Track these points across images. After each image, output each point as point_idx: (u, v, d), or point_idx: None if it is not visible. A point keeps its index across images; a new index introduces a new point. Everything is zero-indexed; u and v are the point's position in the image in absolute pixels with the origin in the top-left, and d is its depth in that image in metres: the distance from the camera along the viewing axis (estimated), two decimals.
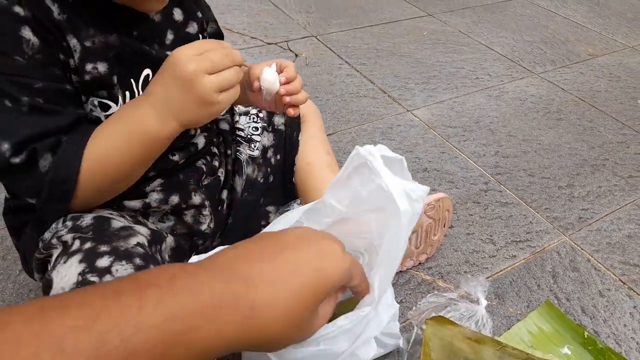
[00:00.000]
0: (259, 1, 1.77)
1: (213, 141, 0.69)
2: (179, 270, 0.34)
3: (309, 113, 0.81)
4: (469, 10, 1.86)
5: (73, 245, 0.50)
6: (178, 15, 0.59)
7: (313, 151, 0.78)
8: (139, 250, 0.51)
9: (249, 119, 0.78)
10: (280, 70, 0.58)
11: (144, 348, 0.29)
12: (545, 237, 0.91)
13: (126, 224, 0.54)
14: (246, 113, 0.78)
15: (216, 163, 0.69)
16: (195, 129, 0.63)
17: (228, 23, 1.57)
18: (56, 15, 0.47)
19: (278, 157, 0.77)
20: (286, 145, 0.77)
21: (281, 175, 0.77)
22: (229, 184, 0.72)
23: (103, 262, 0.48)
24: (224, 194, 0.71)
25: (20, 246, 0.62)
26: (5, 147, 0.45)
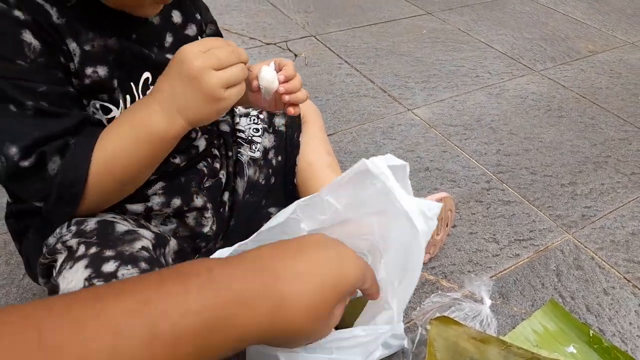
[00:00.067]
0: (257, 1, 1.76)
1: (214, 143, 0.69)
2: (214, 263, 0.36)
3: (309, 113, 0.80)
4: (468, 8, 1.85)
5: (78, 250, 0.49)
6: (177, 17, 0.58)
7: (314, 152, 0.78)
8: (144, 254, 0.50)
9: (250, 121, 0.78)
10: (279, 69, 0.58)
11: (190, 332, 0.31)
12: (548, 236, 0.90)
13: (130, 228, 0.53)
14: (247, 115, 0.78)
15: (217, 165, 0.68)
16: (196, 132, 0.63)
17: (226, 24, 1.57)
18: (55, 19, 0.47)
19: (279, 159, 0.76)
20: (287, 146, 0.77)
21: (282, 176, 0.77)
22: (231, 186, 0.72)
23: (109, 267, 0.48)
24: (226, 196, 0.70)
25: (23, 251, 0.62)
26: (13, 151, 0.45)
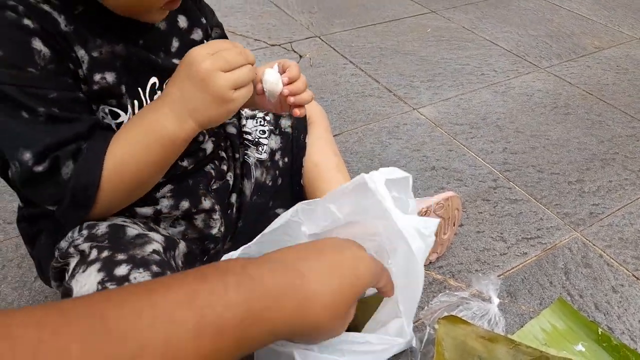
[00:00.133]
0: (262, 3, 1.77)
1: (221, 145, 0.70)
2: (246, 261, 0.39)
3: (315, 114, 0.81)
4: (472, 5, 1.85)
5: (91, 254, 0.50)
6: (183, 22, 0.59)
7: (320, 152, 0.78)
8: (155, 257, 0.51)
9: (256, 123, 0.78)
10: (283, 70, 0.58)
11: (231, 324, 0.34)
12: (556, 234, 0.90)
13: (141, 232, 0.54)
14: (253, 117, 0.79)
15: (225, 167, 0.69)
16: (203, 135, 0.64)
17: (231, 26, 1.58)
18: (63, 26, 0.47)
19: (286, 160, 0.77)
20: (293, 147, 0.77)
21: (289, 177, 0.78)
22: (238, 188, 0.72)
23: (121, 271, 0.48)
24: (233, 198, 0.71)
25: (34, 254, 0.63)
26: (27, 157, 0.46)
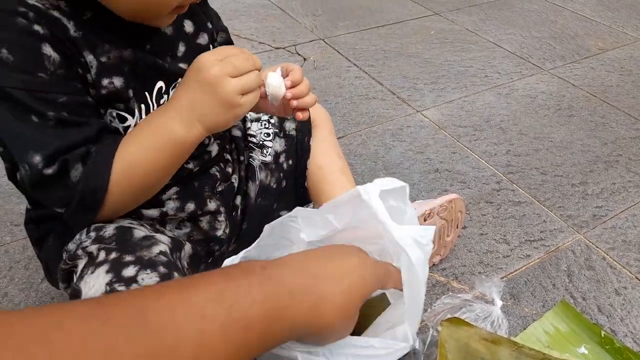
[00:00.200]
0: (266, 6, 1.78)
1: (226, 148, 0.70)
2: (265, 263, 0.42)
3: (319, 117, 0.81)
4: (476, 7, 1.85)
5: (99, 256, 0.51)
6: (189, 27, 0.60)
7: (324, 155, 0.78)
8: (162, 258, 0.52)
9: (261, 125, 0.79)
10: (286, 74, 0.59)
11: (256, 320, 0.36)
12: (559, 236, 0.90)
13: (148, 234, 0.55)
14: (258, 119, 0.79)
15: (230, 169, 0.70)
16: (209, 138, 0.64)
17: (236, 29, 1.59)
18: (72, 32, 0.48)
19: (290, 162, 0.77)
20: (298, 150, 0.78)
21: (293, 180, 0.78)
22: (243, 190, 0.73)
23: (129, 272, 0.49)
24: (238, 200, 0.72)
25: (42, 256, 0.64)
26: (37, 160, 0.47)
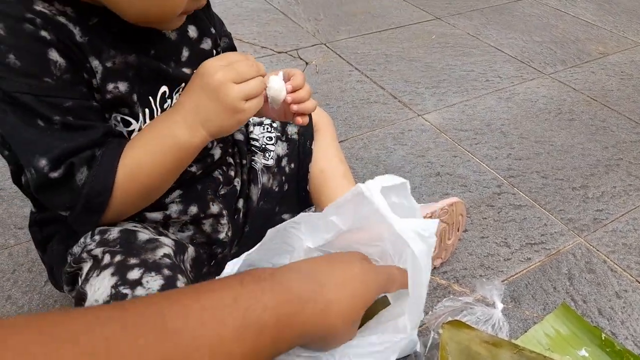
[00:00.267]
0: (268, 11, 1.79)
1: (229, 152, 0.71)
2: (274, 270, 0.43)
3: (321, 121, 0.82)
4: (477, 12, 1.86)
5: (104, 259, 0.51)
6: (192, 32, 0.60)
7: (326, 159, 0.79)
8: (167, 261, 0.53)
9: (263, 129, 0.79)
10: (288, 78, 0.59)
11: (269, 325, 0.37)
12: (560, 239, 0.91)
13: (151, 237, 0.55)
14: (260, 123, 0.80)
15: (232, 173, 0.70)
16: (212, 141, 0.65)
17: (238, 33, 1.60)
18: (78, 38, 0.49)
19: (292, 166, 0.78)
20: (300, 154, 0.78)
21: (295, 183, 0.79)
22: (245, 193, 0.74)
23: (134, 275, 0.50)
24: (240, 203, 0.72)
25: (46, 259, 0.65)
26: (43, 163, 0.48)
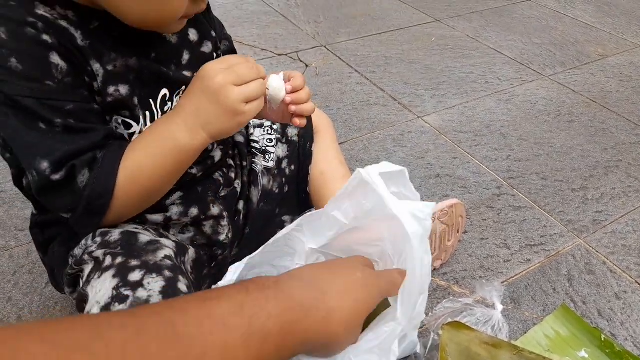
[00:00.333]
0: (268, 13, 1.80)
1: (229, 154, 0.71)
2: (277, 278, 0.44)
3: (322, 123, 0.82)
4: (477, 14, 1.86)
5: (105, 261, 0.52)
6: (193, 35, 0.61)
7: (326, 161, 0.79)
8: (168, 262, 0.53)
9: (264, 131, 0.80)
10: (288, 79, 0.59)
11: (273, 332, 0.38)
12: (559, 241, 0.91)
13: (152, 238, 0.56)
14: (260, 125, 0.80)
15: (232, 175, 0.71)
16: (212, 143, 0.65)
17: (239, 36, 1.60)
18: (79, 41, 0.49)
19: (292, 168, 0.78)
20: (300, 155, 0.79)
21: (296, 185, 0.79)
22: (246, 195, 0.74)
23: (135, 276, 0.50)
24: (241, 205, 0.72)
25: (47, 261, 0.65)
26: (45, 166, 0.48)
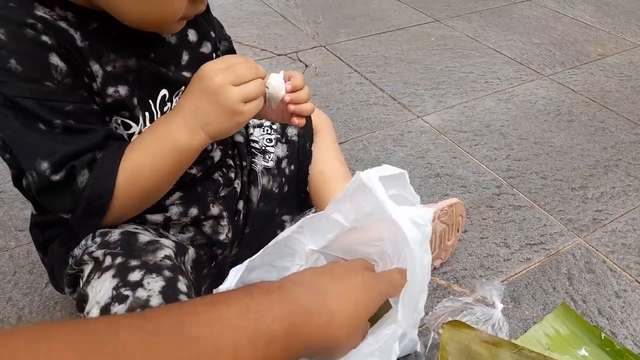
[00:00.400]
0: (268, 13, 1.80)
1: (229, 154, 0.71)
2: (280, 282, 0.45)
3: (321, 123, 0.82)
4: (476, 14, 1.87)
5: (105, 261, 0.52)
6: (192, 36, 0.61)
7: (325, 161, 0.79)
8: (167, 262, 0.53)
9: (263, 131, 0.80)
10: (288, 79, 0.59)
11: (278, 335, 0.39)
12: (559, 240, 0.91)
13: (152, 238, 0.56)
14: (260, 125, 0.80)
15: (232, 175, 0.71)
16: (212, 143, 0.65)
17: (238, 36, 1.61)
18: (79, 42, 0.49)
19: (292, 168, 0.78)
20: (299, 155, 0.79)
21: (295, 185, 0.79)
22: (245, 195, 0.74)
23: (135, 276, 0.50)
24: (241, 205, 0.72)
25: (47, 261, 0.65)
26: (45, 166, 0.48)
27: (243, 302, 0.39)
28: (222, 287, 0.52)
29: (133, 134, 0.56)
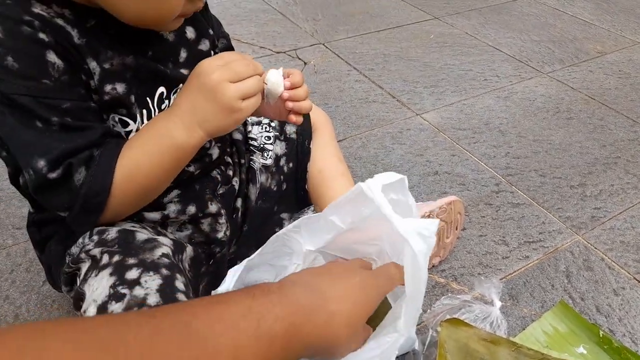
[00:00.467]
0: (267, 11, 1.79)
1: (227, 151, 0.71)
2: (280, 283, 0.45)
3: (320, 121, 0.82)
4: (475, 11, 1.86)
5: (102, 259, 0.52)
6: (190, 33, 0.61)
7: (324, 158, 0.79)
8: (165, 260, 0.53)
9: (262, 129, 0.80)
10: (287, 76, 0.59)
11: (279, 334, 0.39)
12: (558, 237, 0.91)
13: (150, 236, 0.56)
14: (258, 123, 0.80)
15: (230, 172, 0.71)
16: (210, 141, 0.65)
17: (237, 33, 1.60)
18: (76, 40, 0.49)
19: (290, 165, 0.78)
20: (298, 153, 0.79)
21: (294, 182, 0.79)
22: (244, 193, 0.74)
23: (132, 274, 0.50)
24: (239, 202, 0.72)
25: (44, 259, 0.65)
26: (42, 164, 0.48)
27: (245, 303, 0.40)
28: (221, 289, 0.52)
29: (130, 132, 0.56)
